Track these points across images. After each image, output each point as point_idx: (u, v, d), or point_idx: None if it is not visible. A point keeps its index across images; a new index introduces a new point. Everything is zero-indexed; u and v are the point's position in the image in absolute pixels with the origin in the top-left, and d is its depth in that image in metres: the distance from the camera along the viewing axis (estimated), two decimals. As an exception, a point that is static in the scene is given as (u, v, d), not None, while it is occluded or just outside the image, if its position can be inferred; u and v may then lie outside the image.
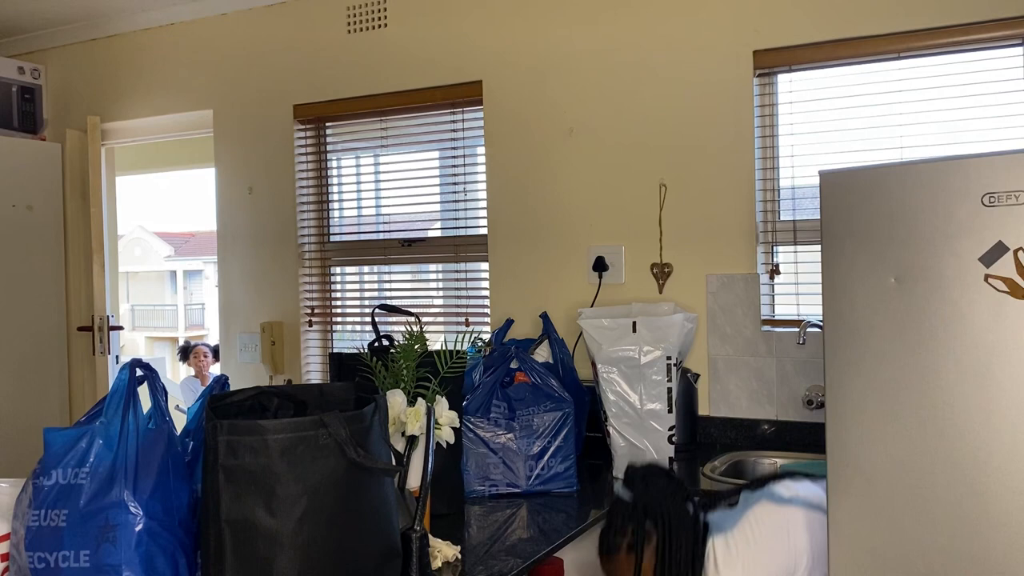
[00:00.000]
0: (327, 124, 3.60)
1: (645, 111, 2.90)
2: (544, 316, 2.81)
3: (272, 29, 3.63)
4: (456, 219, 3.35)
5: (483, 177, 3.24)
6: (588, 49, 2.99)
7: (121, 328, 4.17)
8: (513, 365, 2.37)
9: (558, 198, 3.05)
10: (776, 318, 2.81)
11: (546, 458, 2.28)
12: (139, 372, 1.40)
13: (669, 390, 2.42)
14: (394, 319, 3.39)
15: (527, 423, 2.29)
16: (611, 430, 2.46)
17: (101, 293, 3.92)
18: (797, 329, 2.63)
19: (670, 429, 2.44)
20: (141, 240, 19.98)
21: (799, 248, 2.77)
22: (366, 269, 3.66)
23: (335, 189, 3.65)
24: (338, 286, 3.67)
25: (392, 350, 1.85)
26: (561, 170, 3.04)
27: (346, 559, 1.35)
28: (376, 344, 1.88)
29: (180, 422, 1.51)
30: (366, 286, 3.68)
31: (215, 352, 5.34)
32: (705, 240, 2.82)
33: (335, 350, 3.59)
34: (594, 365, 2.50)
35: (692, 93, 2.84)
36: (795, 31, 2.70)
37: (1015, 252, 1.74)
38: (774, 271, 2.80)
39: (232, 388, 1.50)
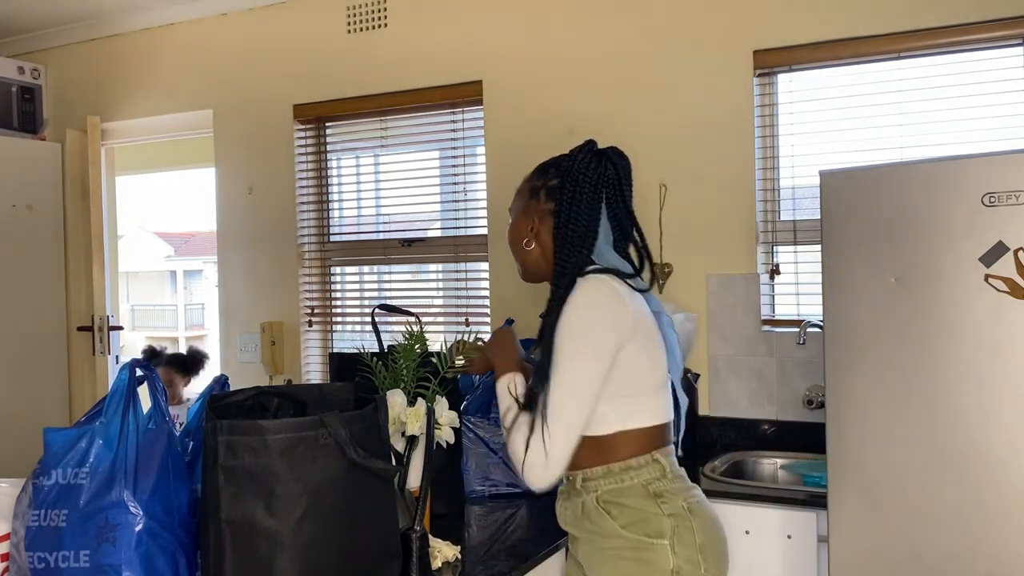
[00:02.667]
0: (327, 124, 3.60)
1: (645, 111, 2.90)
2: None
3: (272, 29, 3.62)
4: (456, 219, 3.34)
5: (483, 177, 3.24)
6: (588, 49, 2.99)
7: (121, 328, 4.17)
8: (513, 365, 2.36)
9: (558, 198, 3.04)
10: (776, 318, 2.80)
11: (546, 458, 2.27)
12: (139, 372, 1.40)
13: (669, 390, 2.42)
14: (394, 319, 3.39)
15: (527, 423, 2.28)
16: (611, 430, 2.45)
17: (101, 293, 3.92)
18: (797, 329, 2.63)
19: (670, 429, 2.43)
20: (141, 240, 19.96)
21: (799, 248, 2.77)
22: (366, 269, 3.65)
23: (335, 189, 3.65)
24: (338, 286, 3.66)
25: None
26: (561, 170, 3.04)
27: (346, 559, 1.35)
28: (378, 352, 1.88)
29: (180, 423, 1.51)
30: (366, 286, 3.68)
31: (184, 364, 4.39)
32: (705, 240, 2.82)
33: (335, 350, 3.59)
34: (594, 365, 2.49)
35: (692, 93, 2.84)
36: (795, 31, 2.70)
37: (1015, 252, 1.74)
38: (774, 271, 2.80)
39: (232, 388, 1.50)
